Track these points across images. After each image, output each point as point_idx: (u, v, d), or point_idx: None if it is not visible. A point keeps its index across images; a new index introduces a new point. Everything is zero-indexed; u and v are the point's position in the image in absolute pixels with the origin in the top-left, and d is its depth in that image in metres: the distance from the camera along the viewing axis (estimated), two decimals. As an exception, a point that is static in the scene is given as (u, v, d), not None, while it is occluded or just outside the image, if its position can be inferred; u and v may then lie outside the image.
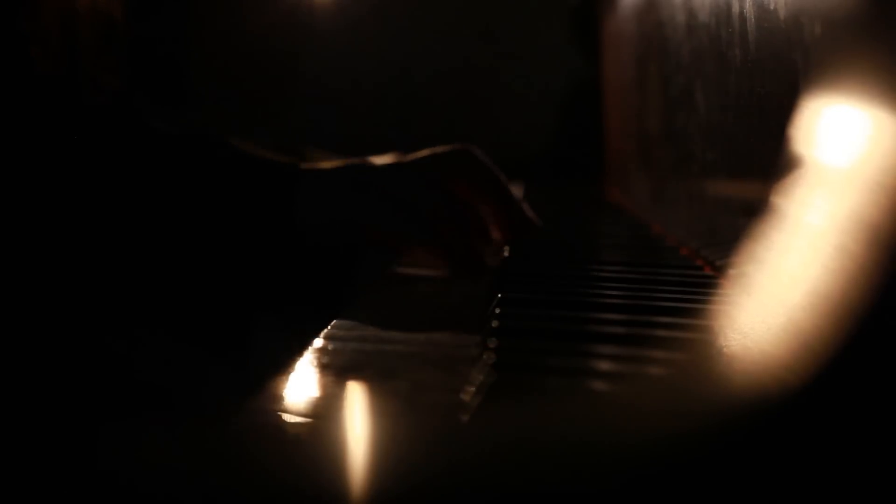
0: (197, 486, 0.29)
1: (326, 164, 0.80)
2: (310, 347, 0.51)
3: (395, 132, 0.86)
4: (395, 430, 0.39)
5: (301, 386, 0.45)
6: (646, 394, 0.40)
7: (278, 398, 0.43)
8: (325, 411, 0.42)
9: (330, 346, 0.52)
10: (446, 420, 0.40)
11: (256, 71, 1.56)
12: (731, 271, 0.63)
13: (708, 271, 0.71)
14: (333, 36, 1.68)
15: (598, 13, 1.49)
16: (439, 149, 0.81)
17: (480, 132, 0.88)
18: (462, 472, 0.29)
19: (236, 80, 1.38)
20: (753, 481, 0.27)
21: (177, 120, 0.81)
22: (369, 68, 1.70)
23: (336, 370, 0.47)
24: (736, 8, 0.64)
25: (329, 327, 0.56)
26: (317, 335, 0.54)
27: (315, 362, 0.48)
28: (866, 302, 0.31)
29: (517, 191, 0.82)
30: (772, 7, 0.56)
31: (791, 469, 0.27)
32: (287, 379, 0.46)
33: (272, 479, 0.30)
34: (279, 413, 0.41)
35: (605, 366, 0.47)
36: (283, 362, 0.47)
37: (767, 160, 0.55)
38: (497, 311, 0.54)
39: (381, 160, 0.80)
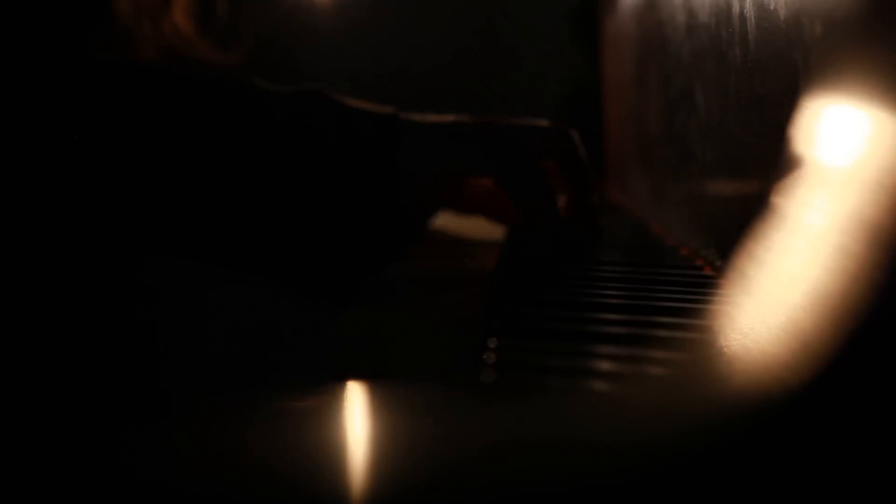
0: (196, 484, 0.29)
1: (425, 117, 0.81)
2: (312, 346, 0.51)
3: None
4: (395, 430, 0.39)
5: (301, 385, 0.45)
6: (646, 394, 0.40)
7: (279, 397, 0.43)
8: (325, 411, 0.42)
9: (331, 345, 0.52)
10: (446, 420, 0.40)
11: (256, 67, 1.56)
12: (731, 271, 0.63)
13: (708, 271, 0.71)
14: (333, 34, 1.68)
15: (598, 13, 1.49)
16: (540, 122, 0.82)
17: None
18: (462, 472, 0.29)
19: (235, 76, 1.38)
20: (753, 481, 0.27)
21: None
22: (369, 67, 1.70)
23: (336, 369, 0.47)
24: (736, 8, 0.64)
25: (331, 326, 0.56)
26: (318, 335, 0.54)
27: (317, 361, 0.48)
28: (866, 302, 0.31)
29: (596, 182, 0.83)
30: (772, 7, 0.56)
31: (791, 469, 0.27)
32: (289, 376, 0.46)
33: (272, 479, 0.30)
34: (279, 412, 0.41)
35: (605, 366, 0.47)
36: (285, 362, 0.47)
37: (767, 160, 0.55)
38: (497, 311, 0.54)
39: (479, 119, 0.82)
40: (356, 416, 0.42)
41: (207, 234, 0.77)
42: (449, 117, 0.81)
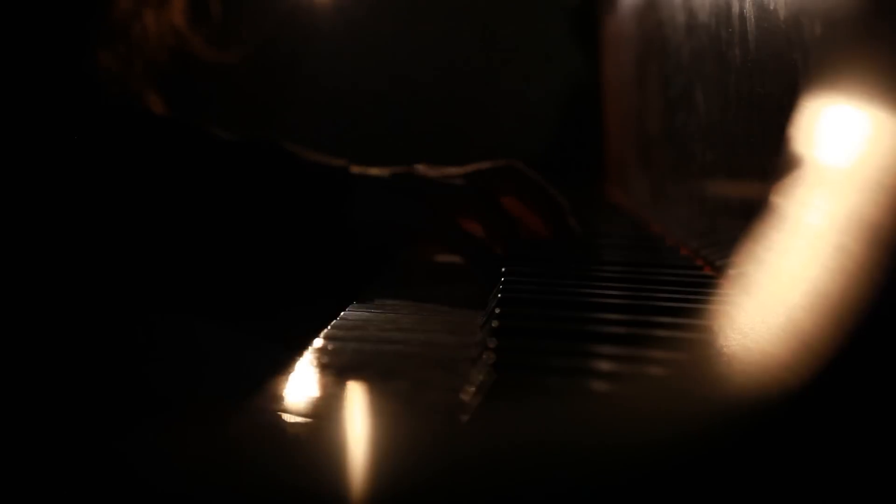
0: (197, 486, 0.29)
1: (375, 172, 0.81)
2: (310, 347, 0.51)
3: (396, 133, 0.86)
4: (395, 430, 0.39)
5: (301, 386, 0.45)
6: (646, 394, 0.40)
7: (278, 398, 0.43)
8: (325, 411, 0.42)
9: (330, 346, 0.52)
10: (446, 420, 0.40)
11: (256, 72, 1.56)
12: (731, 271, 0.63)
13: (708, 271, 0.71)
14: (333, 38, 1.68)
15: (598, 13, 1.49)
16: (485, 164, 0.82)
17: (480, 133, 0.88)
18: (462, 472, 0.29)
19: (236, 81, 1.38)
20: (753, 481, 0.27)
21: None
22: (369, 70, 1.70)
23: (336, 370, 0.47)
24: (736, 8, 0.64)
25: (329, 327, 0.56)
26: (317, 335, 0.54)
27: (315, 362, 0.48)
28: (866, 302, 0.31)
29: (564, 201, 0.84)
30: (772, 7, 0.56)
31: (791, 469, 0.27)
32: (287, 379, 0.46)
33: (272, 479, 0.30)
34: (279, 413, 0.41)
35: (605, 366, 0.47)
36: (283, 362, 0.47)
37: (767, 160, 0.55)
38: (497, 311, 0.54)
39: (425, 171, 0.82)
40: (356, 417, 0.42)
41: (155, 279, 0.78)
42: (400, 169, 0.82)
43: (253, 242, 0.79)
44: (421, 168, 0.82)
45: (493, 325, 0.51)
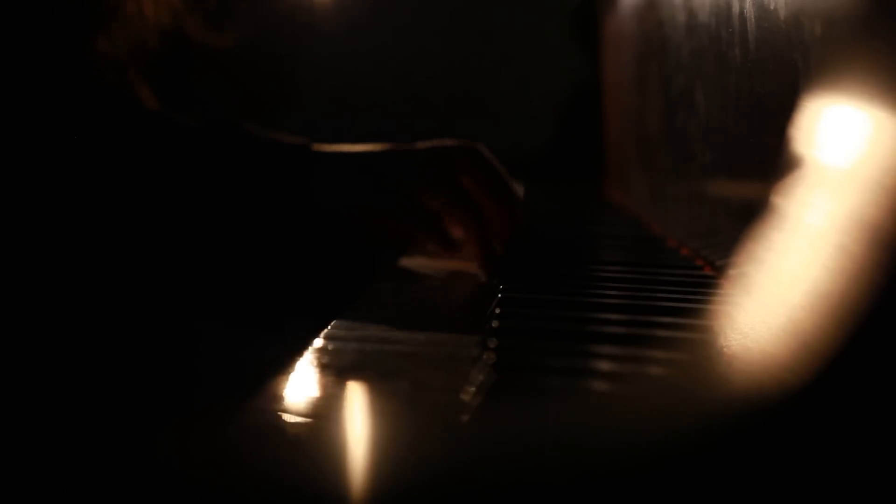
0: (197, 486, 0.29)
1: (336, 148, 0.81)
2: (310, 347, 0.51)
3: (395, 133, 0.86)
4: (395, 430, 0.39)
5: (301, 386, 0.45)
6: (646, 394, 0.40)
7: (278, 398, 0.43)
8: (325, 411, 0.42)
9: (330, 346, 0.52)
10: (446, 420, 0.40)
11: (256, 72, 1.56)
12: (731, 271, 0.63)
13: (708, 271, 0.71)
14: (333, 37, 1.68)
15: (598, 13, 1.49)
16: (448, 141, 0.82)
17: (480, 132, 0.88)
18: (462, 472, 0.29)
19: (236, 82, 1.38)
20: (753, 481, 0.27)
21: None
22: (369, 69, 1.70)
23: (336, 370, 0.47)
24: (736, 8, 0.64)
25: (329, 327, 0.56)
26: (317, 335, 0.54)
27: (315, 362, 0.48)
28: (866, 302, 0.31)
29: (518, 190, 0.83)
30: (772, 7, 0.56)
31: (791, 469, 0.27)
32: (287, 379, 0.46)
33: (272, 479, 0.30)
34: (279, 413, 0.41)
35: (605, 366, 0.47)
36: (283, 362, 0.47)
37: (767, 160, 0.55)
38: (497, 311, 0.54)
39: (388, 147, 0.82)
40: (356, 417, 0.42)
41: (111, 263, 0.78)
42: (361, 147, 0.81)
43: (217, 229, 0.79)
44: (384, 147, 0.82)
45: (493, 325, 0.51)
